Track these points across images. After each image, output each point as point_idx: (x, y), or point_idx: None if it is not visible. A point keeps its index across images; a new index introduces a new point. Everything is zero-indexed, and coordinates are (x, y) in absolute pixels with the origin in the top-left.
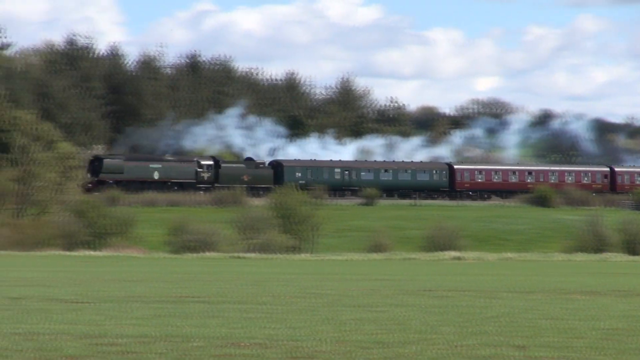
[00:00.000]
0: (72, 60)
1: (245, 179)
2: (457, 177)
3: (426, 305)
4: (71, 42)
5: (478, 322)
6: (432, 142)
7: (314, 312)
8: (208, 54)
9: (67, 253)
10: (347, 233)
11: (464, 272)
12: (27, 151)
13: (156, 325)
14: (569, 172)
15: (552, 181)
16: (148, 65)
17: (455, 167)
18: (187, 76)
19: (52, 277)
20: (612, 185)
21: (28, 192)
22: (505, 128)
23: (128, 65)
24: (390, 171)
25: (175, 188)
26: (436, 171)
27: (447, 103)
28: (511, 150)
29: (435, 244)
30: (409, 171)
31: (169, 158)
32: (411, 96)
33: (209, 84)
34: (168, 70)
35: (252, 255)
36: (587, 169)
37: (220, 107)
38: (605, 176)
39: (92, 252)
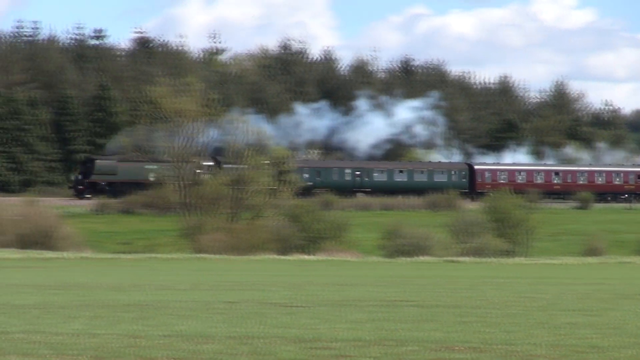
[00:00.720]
0: (285, 65)
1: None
2: (477, 177)
3: None
4: (285, 47)
5: None
6: None
7: (528, 316)
8: (421, 57)
9: (281, 257)
10: (561, 237)
11: None
12: (241, 155)
13: (370, 329)
14: (599, 172)
15: (581, 182)
16: (361, 69)
17: (476, 167)
18: (400, 80)
19: (266, 280)
20: None
21: (242, 197)
22: None
23: (341, 69)
24: (405, 172)
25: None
26: (455, 172)
27: None
28: None
29: None
30: (425, 172)
31: (167, 158)
32: (626, 99)
33: (422, 88)
34: (381, 75)
35: (466, 259)
36: (620, 169)
37: None
38: (639, 176)
39: (305, 256)
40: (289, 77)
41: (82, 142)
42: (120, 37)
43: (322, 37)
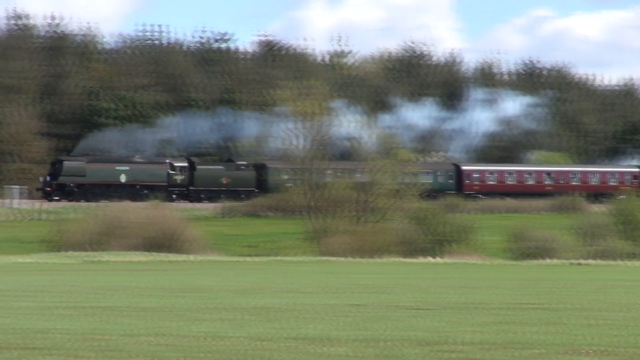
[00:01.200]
0: (409, 68)
1: (224, 182)
2: (464, 178)
3: None
4: (409, 50)
5: None
6: None
7: None
8: (545, 60)
9: (407, 260)
10: None
11: None
12: (367, 158)
13: (497, 332)
14: (593, 173)
15: (574, 183)
16: (485, 72)
17: (463, 167)
18: (524, 83)
19: (392, 283)
20: None
21: (367, 200)
22: None
23: (465, 72)
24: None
25: (145, 192)
26: (441, 172)
27: None
28: None
29: None
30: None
31: (138, 160)
32: None
33: (545, 91)
34: (505, 77)
35: (592, 261)
36: (615, 169)
37: None
38: (635, 177)
39: (431, 259)
40: (412, 79)
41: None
42: (245, 41)
43: (446, 39)
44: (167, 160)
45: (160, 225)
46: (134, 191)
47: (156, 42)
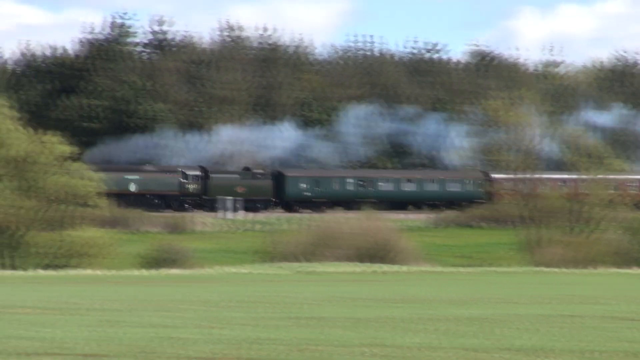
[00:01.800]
0: (622, 77)
1: (239, 191)
2: (496, 187)
3: None
4: (621, 59)
5: None
6: None
7: None
8: None
9: (621, 270)
10: None
11: None
12: (577, 167)
13: None
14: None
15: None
16: None
17: (494, 175)
18: None
19: (606, 294)
20: None
21: (580, 210)
22: None
23: None
24: (415, 181)
25: (156, 201)
26: (469, 180)
27: None
28: None
29: None
30: (436, 181)
31: (149, 168)
32: None
33: None
34: None
35: None
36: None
37: None
38: None
39: None
40: (624, 89)
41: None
42: (456, 51)
43: None
44: (179, 169)
45: (373, 236)
46: (144, 200)
47: (367, 52)
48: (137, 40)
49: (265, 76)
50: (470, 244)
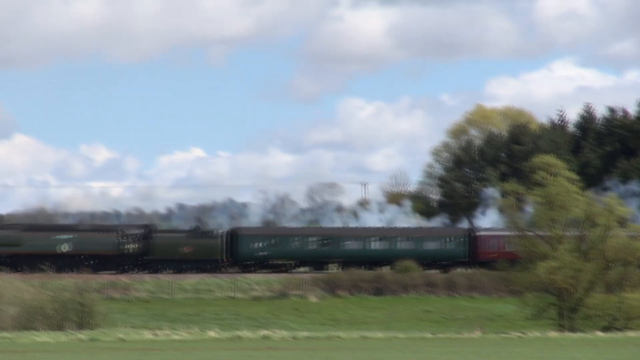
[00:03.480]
0: None
1: (186, 251)
2: (479, 245)
3: None
4: None
5: None
6: None
7: None
8: None
9: None
10: None
11: None
12: None
13: None
14: None
15: None
16: None
17: (478, 233)
18: None
19: None
20: None
21: None
22: None
23: None
24: (387, 239)
25: (92, 262)
26: (450, 238)
27: None
28: None
29: None
30: (413, 239)
31: (83, 227)
32: None
33: None
34: None
35: None
36: None
37: None
38: None
39: None
40: None
41: None
42: None
43: None
44: (119, 228)
45: None
46: (77, 262)
47: None
48: None
49: None
50: None
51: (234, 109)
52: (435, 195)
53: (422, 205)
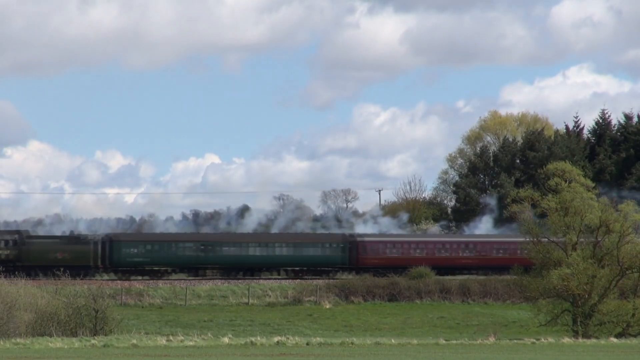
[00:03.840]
0: None
1: (60, 257)
2: (360, 251)
3: None
4: None
5: None
6: None
7: None
8: None
9: None
10: None
11: None
12: None
13: None
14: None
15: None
16: None
17: (359, 239)
18: None
19: None
20: None
21: None
22: None
23: None
24: (266, 245)
25: None
26: (330, 244)
27: None
28: None
29: None
30: (291, 244)
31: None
32: None
33: None
34: None
35: None
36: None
37: None
38: None
39: None
40: None
41: None
42: None
43: None
44: None
45: None
46: None
47: None
48: None
49: None
50: None
51: (249, 115)
52: (450, 201)
53: (436, 211)
